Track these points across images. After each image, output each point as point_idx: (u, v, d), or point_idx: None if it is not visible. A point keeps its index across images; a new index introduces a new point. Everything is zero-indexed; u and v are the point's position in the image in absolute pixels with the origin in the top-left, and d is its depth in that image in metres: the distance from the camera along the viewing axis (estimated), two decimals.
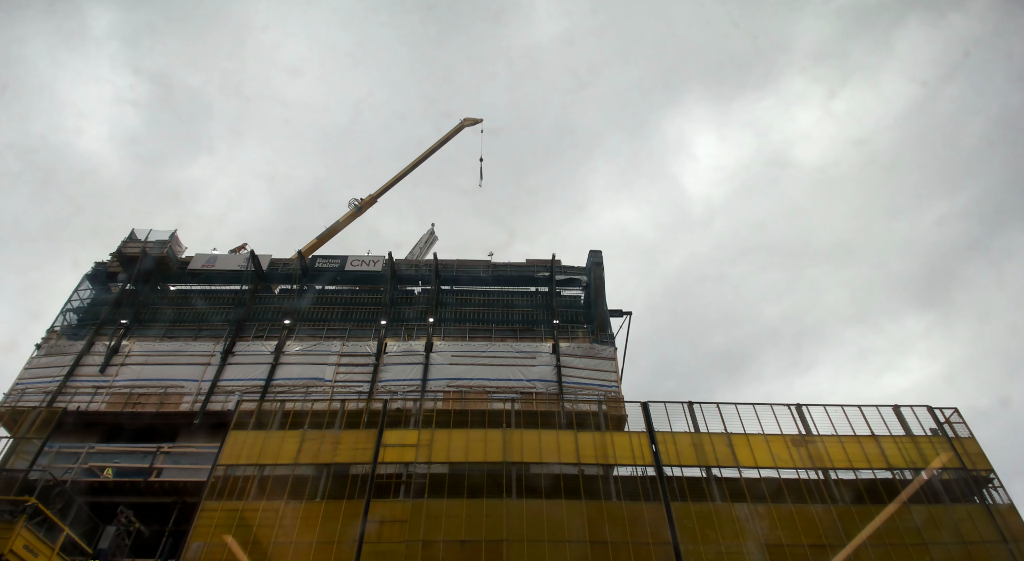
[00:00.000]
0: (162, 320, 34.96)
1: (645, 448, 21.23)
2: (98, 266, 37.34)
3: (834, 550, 18.16)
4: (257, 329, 34.09)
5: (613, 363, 32.27)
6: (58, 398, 29.39)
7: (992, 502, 20.01)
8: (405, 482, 20.16)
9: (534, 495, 19.49)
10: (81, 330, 33.80)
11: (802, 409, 22.49)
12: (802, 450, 21.11)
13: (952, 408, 22.56)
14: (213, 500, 19.26)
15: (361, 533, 18.22)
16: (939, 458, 21.03)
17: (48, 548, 16.88)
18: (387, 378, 31.30)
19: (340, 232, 49.28)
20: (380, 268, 37.37)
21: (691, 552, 17.97)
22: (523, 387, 30.72)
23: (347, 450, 20.90)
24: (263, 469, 20.35)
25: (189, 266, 37.30)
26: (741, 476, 20.28)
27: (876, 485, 20.35)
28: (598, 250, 36.86)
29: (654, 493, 19.70)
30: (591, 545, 18.10)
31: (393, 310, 35.76)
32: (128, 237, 37.60)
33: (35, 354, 32.18)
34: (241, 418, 21.98)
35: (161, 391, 30.33)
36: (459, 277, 38.48)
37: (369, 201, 51.49)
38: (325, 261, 38.73)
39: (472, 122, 59.89)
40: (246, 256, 37.04)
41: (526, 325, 35.33)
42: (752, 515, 18.98)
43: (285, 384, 30.90)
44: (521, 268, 38.74)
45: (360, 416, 22.49)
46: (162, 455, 26.51)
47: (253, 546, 18.02)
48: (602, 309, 35.04)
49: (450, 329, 34.63)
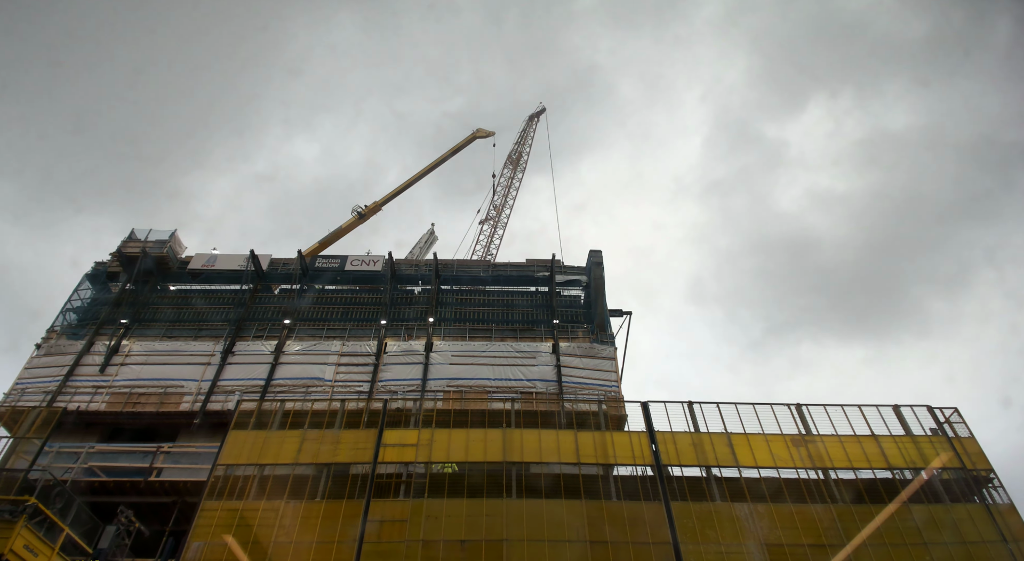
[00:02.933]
0: (162, 320, 34.97)
1: (645, 448, 21.22)
2: (98, 266, 37.35)
3: (834, 550, 18.15)
4: (257, 329, 34.08)
5: (613, 363, 32.25)
6: (58, 398, 29.38)
7: (992, 502, 20.01)
8: (405, 482, 20.16)
9: (534, 495, 19.48)
10: (81, 330, 33.78)
11: (802, 409, 22.48)
12: (802, 450, 21.09)
13: (952, 408, 22.55)
14: (213, 500, 19.24)
15: (361, 533, 18.21)
16: (939, 458, 21.02)
17: (48, 548, 16.87)
18: (387, 378, 31.29)
19: (342, 236, 49.33)
20: (380, 268, 37.35)
21: (691, 552, 17.96)
22: (523, 387, 30.71)
23: (347, 450, 20.90)
24: (263, 469, 20.34)
25: (189, 266, 37.27)
26: (741, 476, 20.27)
27: (876, 485, 20.34)
28: (598, 250, 36.85)
29: (654, 493, 19.69)
30: (591, 545, 18.08)
31: (393, 310, 35.75)
32: (128, 237, 37.57)
33: (35, 354, 32.17)
34: (241, 418, 21.96)
35: (161, 391, 30.32)
36: (459, 277, 38.48)
37: (373, 208, 51.03)
38: (325, 261, 38.73)
39: (485, 134, 58.97)
40: (246, 256, 37.01)
41: (526, 325, 35.32)
42: (752, 515, 18.97)
43: (285, 384, 30.89)
44: (521, 268, 38.73)
45: (360, 416, 22.48)
46: (162, 455, 26.47)
47: (253, 546, 18.01)
48: (602, 309, 35.03)
49: (450, 329, 34.61)
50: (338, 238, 48.71)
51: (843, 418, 21.98)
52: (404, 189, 53.51)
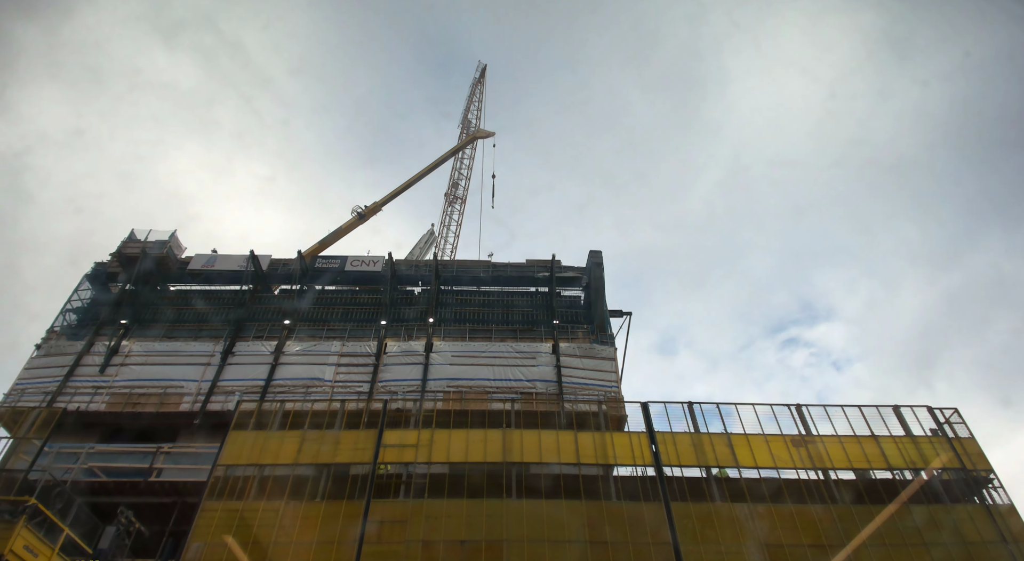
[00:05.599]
0: (162, 320, 34.94)
1: (645, 448, 21.21)
2: (98, 266, 37.34)
3: (834, 550, 18.14)
4: (257, 329, 34.08)
5: (613, 363, 32.25)
6: (58, 398, 29.39)
7: (992, 502, 20.00)
8: (405, 482, 20.15)
9: (534, 495, 19.47)
10: (81, 330, 33.79)
11: (802, 409, 22.48)
12: (802, 450, 21.09)
13: (952, 408, 22.54)
14: (213, 500, 19.24)
15: (361, 533, 18.20)
16: (939, 458, 21.02)
17: (48, 548, 16.88)
18: (387, 378, 31.29)
19: (342, 237, 49.21)
20: (380, 268, 37.36)
21: (691, 552, 17.96)
22: (523, 387, 30.71)
23: (347, 450, 20.89)
24: (263, 469, 20.34)
25: (189, 266, 37.30)
26: (741, 476, 20.27)
27: (876, 485, 20.36)
28: (598, 250, 36.89)
29: (654, 493, 19.68)
30: (591, 545, 18.08)
31: (393, 310, 35.75)
32: (128, 237, 37.60)
33: (35, 354, 32.17)
34: (241, 418, 21.95)
35: (161, 391, 30.32)
36: (459, 277, 38.49)
37: (373, 209, 50.87)
38: (325, 261, 38.74)
39: (485, 135, 58.54)
40: (246, 256, 37.01)
41: (526, 325, 35.33)
42: (752, 515, 18.96)
43: (285, 384, 30.89)
44: (521, 268, 38.73)
45: (360, 416, 22.47)
46: (162, 455, 26.47)
47: (253, 546, 18.00)
48: (602, 309, 35.05)
49: (450, 329, 34.61)
50: (338, 238, 48.62)
51: (843, 418, 21.99)
52: (404, 189, 53.43)
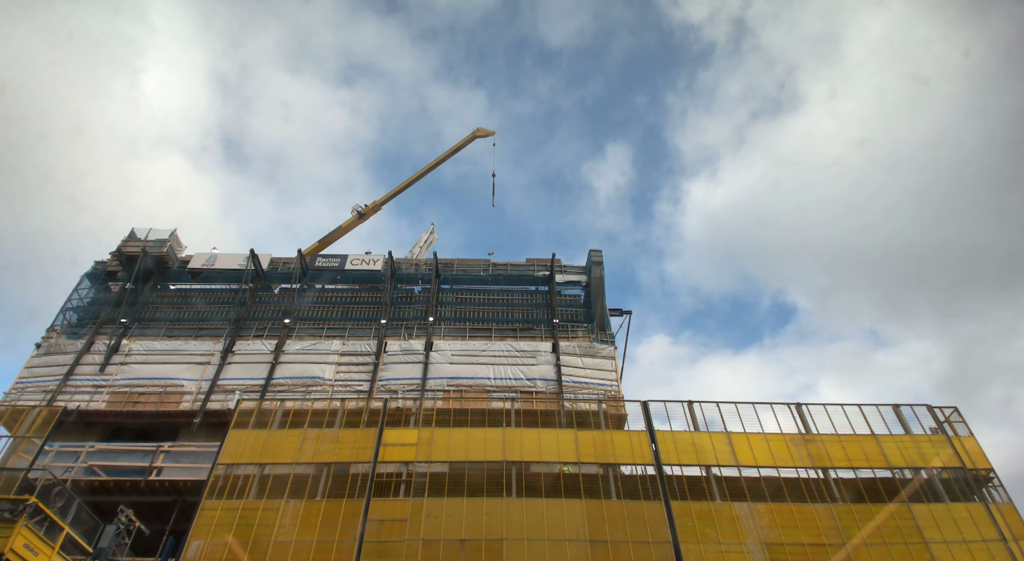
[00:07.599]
0: (162, 319, 34.96)
1: (645, 447, 21.23)
2: (98, 265, 37.32)
3: (834, 549, 18.16)
4: (257, 328, 34.08)
5: (613, 362, 32.28)
6: (58, 397, 29.40)
7: (992, 501, 20.02)
8: (405, 481, 20.16)
9: (534, 494, 19.48)
10: (81, 329, 33.79)
11: (802, 408, 22.51)
12: (802, 449, 21.12)
13: (952, 407, 22.57)
14: (213, 499, 19.26)
15: (361, 532, 18.22)
16: (939, 457, 21.04)
17: (48, 547, 16.87)
18: (387, 377, 31.30)
19: (342, 236, 49.21)
20: (380, 267, 37.36)
21: (691, 551, 17.97)
22: (523, 386, 30.73)
23: (347, 449, 20.90)
24: (263, 468, 20.35)
25: (189, 265, 37.28)
26: (741, 475, 20.29)
27: (876, 484, 20.35)
28: (598, 249, 36.92)
29: (654, 492, 19.70)
30: (591, 544, 18.09)
31: (393, 309, 35.75)
32: (128, 236, 37.56)
33: (35, 353, 32.18)
34: (241, 417, 21.97)
35: (161, 390, 30.33)
36: (459, 276, 38.48)
37: (373, 208, 50.82)
38: (325, 260, 38.71)
39: (485, 133, 58.22)
40: (246, 255, 36.99)
41: (526, 324, 35.33)
42: (752, 514, 18.99)
43: (285, 383, 30.89)
44: (521, 267, 38.73)
45: (360, 415, 22.48)
46: (162, 454, 26.46)
47: (253, 545, 18.01)
48: (602, 308, 35.07)
49: (450, 328, 34.62)
50: (338, 237, 48.64)
51: (843, 417, 22.01)
52: (404, 189, 53.35)
